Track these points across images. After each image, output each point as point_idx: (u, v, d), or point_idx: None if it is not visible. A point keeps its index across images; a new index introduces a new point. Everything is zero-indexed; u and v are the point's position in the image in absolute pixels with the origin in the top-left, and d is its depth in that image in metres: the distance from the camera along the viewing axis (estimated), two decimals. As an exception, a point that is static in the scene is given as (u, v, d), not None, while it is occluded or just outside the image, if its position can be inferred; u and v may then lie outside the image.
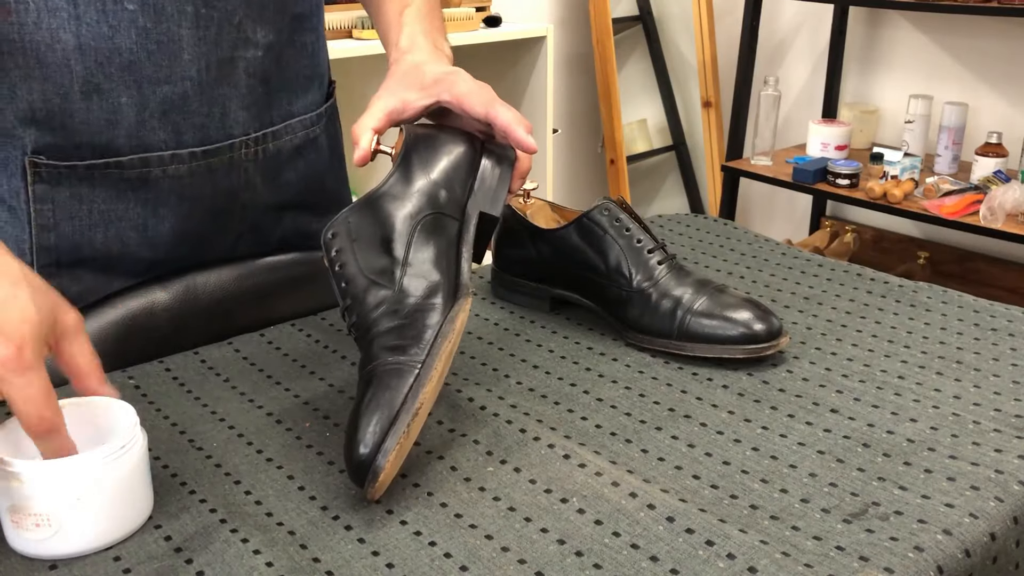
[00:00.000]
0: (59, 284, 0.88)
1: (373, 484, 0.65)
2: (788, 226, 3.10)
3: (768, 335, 0.85)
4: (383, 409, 0.66)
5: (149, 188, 0.88)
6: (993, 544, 0.64)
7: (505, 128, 0.79)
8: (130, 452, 0.63)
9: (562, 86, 3.02)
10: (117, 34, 0.81)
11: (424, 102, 0.81)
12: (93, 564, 0.62)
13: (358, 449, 0.65)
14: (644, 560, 0.61)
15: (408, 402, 0.67)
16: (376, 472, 0.64)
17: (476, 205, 0.80)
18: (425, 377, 0.68)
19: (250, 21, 0.89)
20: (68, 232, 0.87)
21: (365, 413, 0.66)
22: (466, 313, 0.74)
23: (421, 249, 0.75)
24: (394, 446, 0.65)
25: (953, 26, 2.57)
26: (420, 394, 0.67)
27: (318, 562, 0.62)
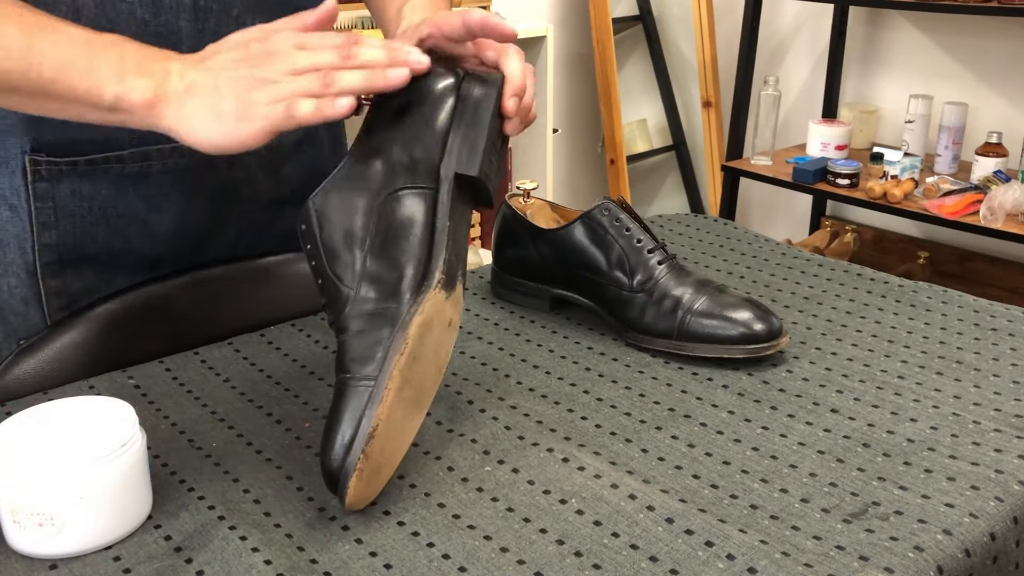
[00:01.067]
0: (62, 282, 0.89)
1: (343, 499, 0.63)
2: (788, 226, 3.10)
3: (768, 335, 0.85)
4: (343, 429, 0.63)
5: (150, 183, 0.88)
6: (993, 544, 0.64)
7: (482, 24, 0.71)
8: (130, 451, 0.63)
9: (562, 86, 3.01)
10: (116, 27, 0.81)
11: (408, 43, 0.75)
12: (93, 564, 0.62)
13: (329, 464, 0.63)
14: (643, 560, 0.61)
15: (363, 426, 0.62)
16: (343, 494, 0.63)
17: (450, 166, 0.67)
18: (376, 398, 0.63)
19: (249, 14, 0.89)
20: (70, 229, 0.87)
21: (330, 429, 0.64)
22: (430, 311, 0.66)
23: (382, 239, 0.66)
24: (353, 470, 0.62)
25: (953, 26, 2.56)
26: (373, 418, 0.62)
27: (316, 563, 0.62)
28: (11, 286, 0.89)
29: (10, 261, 0.88)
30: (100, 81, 0.65)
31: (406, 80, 0.64)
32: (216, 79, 0.64)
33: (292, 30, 0.68)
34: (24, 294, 0.89)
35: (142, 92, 0.65)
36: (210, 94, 0.64)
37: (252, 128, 0.63)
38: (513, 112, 0.72)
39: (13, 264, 0.88)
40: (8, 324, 0.90)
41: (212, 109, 0.64)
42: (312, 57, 0.65)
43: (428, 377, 0.70)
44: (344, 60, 0.65)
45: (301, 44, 0.66)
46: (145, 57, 0.66)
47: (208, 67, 0.65)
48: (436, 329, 0.68)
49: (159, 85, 0.65)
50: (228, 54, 0.66)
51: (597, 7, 2.83)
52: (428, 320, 0.66)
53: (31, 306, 0.89)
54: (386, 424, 0.64)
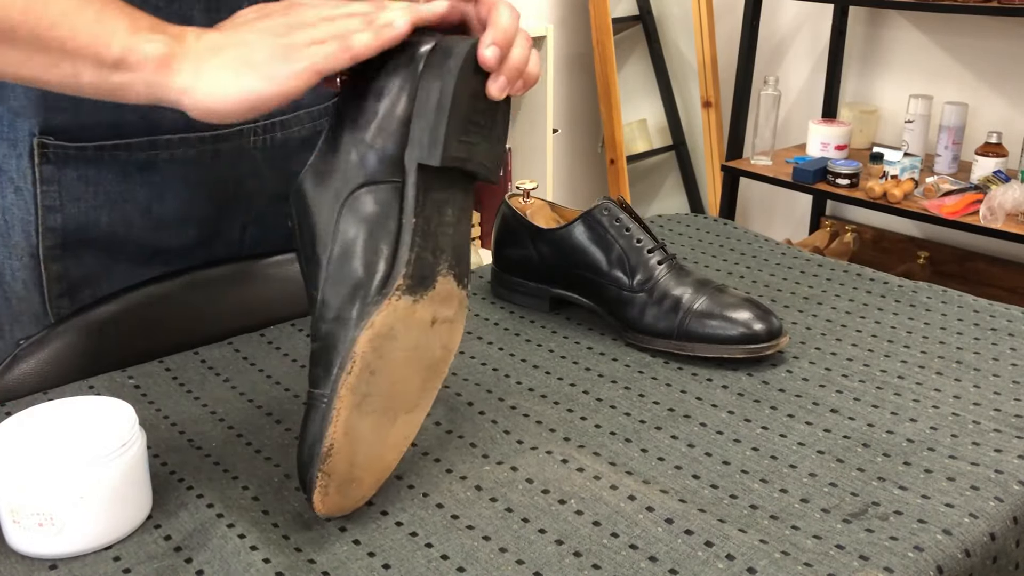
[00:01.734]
0: (64, 266, 0.89)
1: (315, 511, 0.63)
2: (788, 226, 3.10)
3: (768, 335, 0.85)
4: (305, 445, 0.62)
5: (156, 171, 0.89)
6: (993, 544, 0.64)
7: None
8: (130, 451, 0.63)
9: (562, 86, 3.01)
10: None
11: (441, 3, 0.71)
12: (93, 564, 0.62)
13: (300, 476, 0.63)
14: (643, 560, 0.61)
15: (317, 446, 0.60)
16: (310, 505, 0.62)
17: (412, 156, 0.60)
18: (328, 418, 0.60)
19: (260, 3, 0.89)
20: (74, 214, 0.88)
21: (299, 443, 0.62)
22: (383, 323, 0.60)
23: (343, 242, 0.61)
24: (315, 487, 0.61)
25: (953, 26, 2.57)
26: (326, 437, 0.60)
27: (314, 563, 0.62)
28: (14, 269, 0.89)
29: (14, 244, 0.88)
30: (108, 31, 0.60)
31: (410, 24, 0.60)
32: (241, 36, 0.61)
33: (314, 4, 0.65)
34: (26, 277, 0.89)
35: (155, 47, 0.60)
36: (239, 48, 0.60)
37: (296, 68, 0.58)
38: (494, 64, 0.62)
39: (17, 247, 0.88)
40: (11, 308, 0.90)
41: (243, 60, 0.59)
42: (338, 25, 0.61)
43: (410, 381, 0.66)
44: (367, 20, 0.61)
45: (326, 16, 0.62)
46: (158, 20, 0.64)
47: (231, 28, 0.62)
48: (407, 335, 0.63)
49: (174, 42, 0.61)
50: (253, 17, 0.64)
51: (597, 7, 2.83)
52: (386, 331, 0.61)
53: (32, 290, 0.90)
54: (344, 441, 0.61)
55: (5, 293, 0.90)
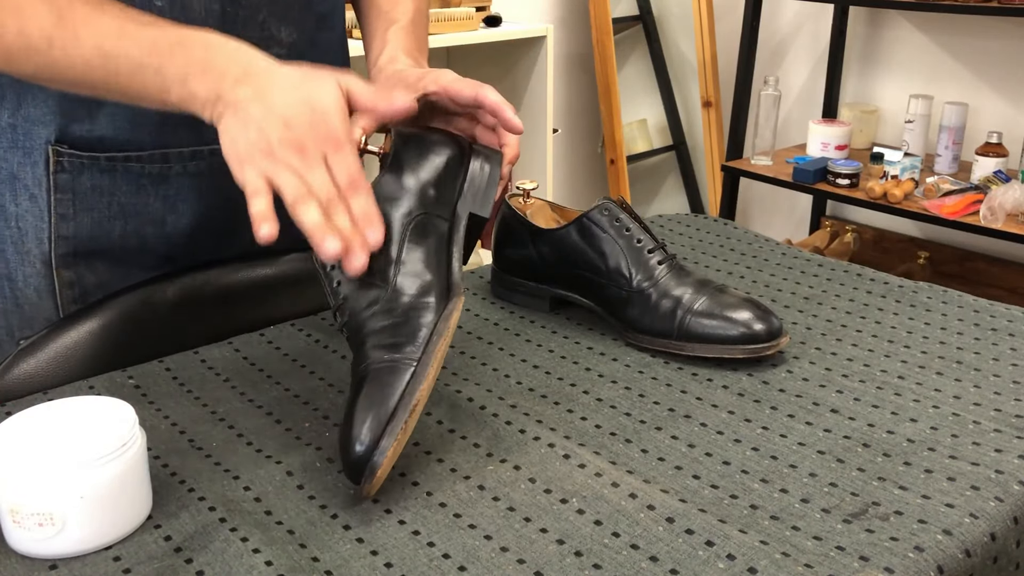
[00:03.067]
0: (76, 273, 0.90)
1: (369, 481, 0.65)
2: (788, 226, 3.10)
3: (768, 335, 0.85)
4: (378, 406, 0.66)
5: (169, 184, 0.90)
6: (993, 544, 0.64)
7: (495, 108, 0.79)
8: (130, 451, 0.63)
9: (562, 86, 3.01)
10: None
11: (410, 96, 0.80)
12: (93, 564, 0.62)
13: (354, 447, 0.65)
14: (644, 560, 0.61)
15: (405, 399, 0.67)
16: (373, 470, 0.65)
17: (466, 206, 0.80)
18: (422, 374, 0.68)
19: (275, 20, 0.90)
20: (87, 223, 0.88)
21: (360, 410, 0.66)
22: (459, 312, 0.74)
23: (413, 249, 0.75)
24: (391, 444, 0.65)
25: (953, 26, 2.57)
26: (417, 391, 0.67)
27: (317, 561, 0.62)
28: (26, 275, 0.90)
29: (27, 251, 0.89)
30: (167, 84, 0.71)
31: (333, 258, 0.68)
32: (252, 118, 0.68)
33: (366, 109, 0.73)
34: (38, 284, 0.90)
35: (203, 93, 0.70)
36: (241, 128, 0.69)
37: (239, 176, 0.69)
38: (506, 177, 0.83)
39: (30, 254, 0.89)
40: (23, 314, 0.91)
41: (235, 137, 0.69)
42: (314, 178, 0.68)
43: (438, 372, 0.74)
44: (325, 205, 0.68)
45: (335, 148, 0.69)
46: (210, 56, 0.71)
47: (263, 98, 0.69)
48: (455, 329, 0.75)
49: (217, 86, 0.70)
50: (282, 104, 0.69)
51: (597, 7, 2.83)
52: (456, 319, 0.74)
53: (44, 297, 0.90)
54: (421, 405, 0.69)
55: (17, 299, 0.90)
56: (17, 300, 0.90)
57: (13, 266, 0.90)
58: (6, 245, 0.89)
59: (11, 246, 0.89)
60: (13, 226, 0.88)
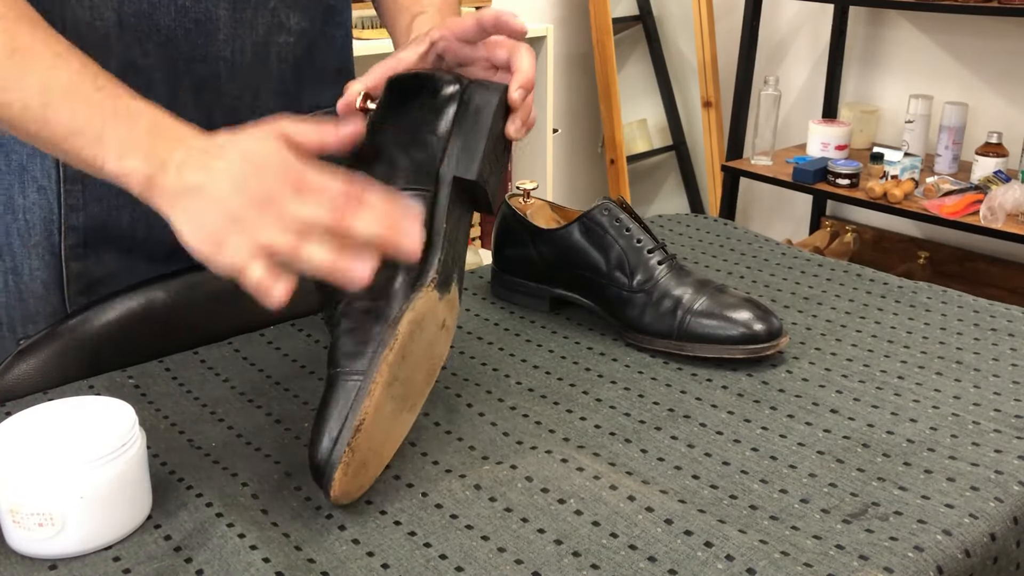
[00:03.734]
0: (85, 265, 0.90)
1: (328, 492, 0.64)
2: (788, 226, 3.10)
3: (768, 335, 0.85)
4: (330, 422, 0.64)
5: None
6: (993, 544, 0.64)
7: (495, 19, 0.73)
8: (130, 451, 0.63)
9: (562, 86, 3.01)
10: (156, 11, 0.83)
11: (418, 49, 0.77)
12: (93, 564, 0.62)
13: (316, 457, 0.64)
14: (642, 561, 0.61)
15: (349, 419, 0.63)
16: (327, 487, 0.64)
17: (449, 169, 0.69)
18: (364, 393, 0.64)
19: (284, 7, 0.90)
20: (96, 213, 0.88)
21: (318, 422, 0.65)
22: (421, 309, 0.66)
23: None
24: (339, 463, 0.63)
25: (953, 26, 2.56)
26: (360, 411, 0.63)
27: (313, 562, 0.62)
28: (33, 269, 0.89)
29: (35, 243, 0.89)
30: (103, 153, 0.66)
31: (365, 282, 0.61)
32: (208, 196, 0.63)
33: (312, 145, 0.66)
34: (46, 277, 0.90)
35: (137, 176, 0.65)
36: (200, 210, 0.63)
37: (219, 260, 0.63)
38: (519, 102, 0.72)
39: (38, 246, 0.89)
40: (27, 308, 0.90)
41: (198, 223, 0.63)
42: (304, 211, 0.62)
43: (419, 377, 0.70)
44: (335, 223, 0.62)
45: (299, 187, 0.63)
46: (154, 136, 0.66)
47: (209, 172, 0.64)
48: (428, 329, 0.69)
49: (154, 173, 0.65)
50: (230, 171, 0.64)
51: (597, 7, 2.83)
52: (419, 319, 0.67)
53: (51, 290, 0.90)
54: (373, 418, 0.65)
55: (22, 293, 0.90)
56: (22, 294, 0.90)
57: (19, 259, 0.89)
58: (13, 238, 0.89)
59: (18, 239, 0.89)
60: (20, 219, 0.88)
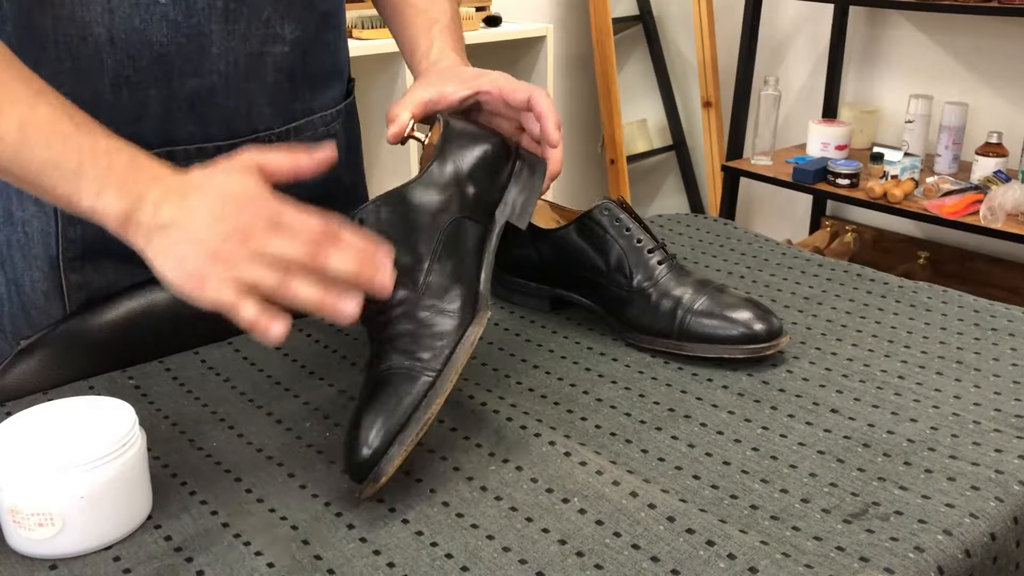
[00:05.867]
0: (84, 277, 0.90)
1: (372, 485, 0.65)
2: (788, 226, 3.10)
3: (768, 335, 0.85)
4: (390, 413, 0.65)
5: None
6: (993, 544, 0.64)
7: (542, 114, 0.79)
8: (130, 451, 0.63)
9: (562, 86, 3.01)
10: (148, 27, 0.82)
11: (462, 92, 0.82)
12: (93, 564, 0.62)
13: (361, 450, 0.65)
14: (645, 560, 0.61)
15: (419, 411, 0.66)
16: (377, 476, 0.64)
17: (504, 213, 0.78)
18: (440, 388, 0.67)
19: (278, 17, 0.90)
20: (93, 225, 0.88)
21: (371, 413, 0.66)
22: (483, 327, 0.72)
23: (446, 253, 0.73)
24: (399, 453, 0.64)
25: (953, 26, 2.57)
26: (433, 404, 0.66)
27: (319, 559, 0.62)
28: (33, 280, 0.89)
29: (34, 255, 0.88)
30: (80, 189, 0.66)
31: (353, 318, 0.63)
32: (185, 232, 0.64)
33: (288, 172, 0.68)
34: (46, 288, 0.89)
35: (115, 210, 0.65)
36: (178, 245, 0.63)
37: (203, 296, 0.62)
38: (546, 191, 0.82)
39: (37, 259, 0.89)
40: (30, 319, 0.90)
41: (178, 260, 0.63)
42: (281, 247, 0.62)
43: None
44: (311, 261, 0.62)
45: (276, 222, 0.63)
46: (132, 173, 0.66)
47: (185, 209, 0.64)
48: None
49: (131, 209, 0.65)
50: (206, 206, 0.64)
51: (597, 7, 2.83)
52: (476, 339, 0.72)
53: (52, 301, 0.90)
54: (434, 417, 0.68)
55: (24, 304, 0.90)
56: (24, 305, 0.90)
57: (20, 271, 0.89)
58: (13, 251, 0.89)
59: (18, 251, 0.89)
60: (20, 231, 0.88)
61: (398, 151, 2.29)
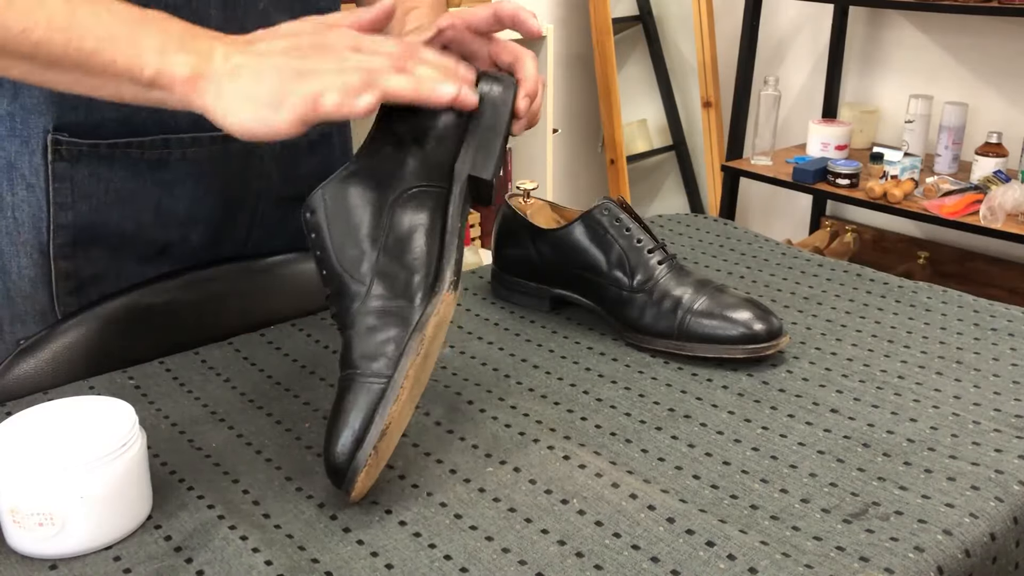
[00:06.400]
0: (74, 264, 0.90)
1: (349, 492, 0.64)
2: (788, 226, 3.10)
3: (768, 335, 0.85)
4: (352, 423, 0.64)
5: (167, 169, 0.90)
6: (993, 544, 0.64)
7: (513, 16, 0.72)
8: (130, 451, 0.63)
9: (562, 86, 3.01)
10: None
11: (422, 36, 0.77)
12: (93, 564, 0.62)
13: (334, 458, 0.64)
14: (645, 561, 0.61)
15: (376, 421, 0.63)
16: (349, 488, 0.64)
17: (465, 164, 0.68)
18: (391, 397, 0.63)
19: (274, 8, 0.90)
20: (85, 211, 0.88)
21: (335, 422, 0.64)
22: (444, 312, 0.66)
23: (396, 237, 0.66)
24: (363, 467, 0.63)
25: (953, 26, 2.56)
26: (386, 416, 0.63)
27: (317, 563, 0.62)
28: (21, 267, 0.89)
29: (23, 241, 0.88)
30: (141, 54, 0.63)
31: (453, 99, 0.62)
32: (260, 64, 0.63)
33: (348, 27, 0.67)
34: (34, 275, 0.89)
35: (183, 68, 0.63)
36: (250, 78, 0.63)
37: (281, 117, 0.61)
38: (524, 113, 0.72)
39: (26, 244, 0.88)
40: (15, 307, 0.90)
41: (249, 93, 0.62)
42: (363, 60, 0.63)
43: (428, 374, 0.72)
44: (400, 67, 0.63)
45: (356, 46, 0.64)
46: (191, 35, 0.65)
47: (256, 51, 0.64)
48: (443, 329, 0.70)
49: (201, 62, 0.64)
50: (279, 41, 0.65)
51: (597, 7, 2.83)
52: (442, 321, 0.67)
53: (39, 289, 0.89)
54: (396, 422, 0.65)
55: (9, 291, 0.90)
56: (9, 292, 0.90)
57: (7, 257, 0.89)
58: (1, 237, 0.88)
59: (6, 237, 0.88)
60: (9, 216, 0.87)
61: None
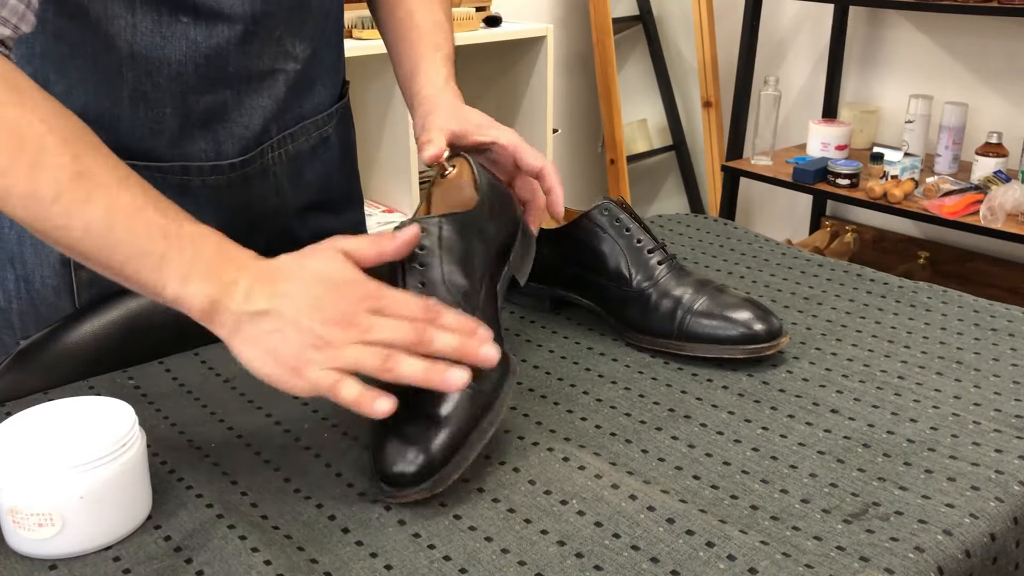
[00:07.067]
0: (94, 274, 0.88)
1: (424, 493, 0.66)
2: (788, 226, 3.10)
3: (768, 335, 0.85)
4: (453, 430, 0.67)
5: (189, 198, 0.90)
6: (993, 544, 0.64)
7: (552, 189, 0.85)
8: (130, 451, 0.63)
9: (562, 86, 3.01)
10: (168, 45, 0.83)
11: (484, 138, 0.85)
12: (93, 564, 0.62)
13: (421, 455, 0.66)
14: (645, 561, 0.61)
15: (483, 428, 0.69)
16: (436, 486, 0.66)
17: (511, 268, 0.83)
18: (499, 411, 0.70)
19: (290, 35, 0.91)
20: None
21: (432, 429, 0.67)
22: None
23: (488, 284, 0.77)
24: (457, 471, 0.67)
25: (953, 26, 2.57)
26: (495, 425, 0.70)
27: (316, 563, 0.62)
28: (44, 277, 0.90)
29: (46, 252, 0.89)
30: (164, 277, 0.65)
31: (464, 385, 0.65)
32: (282, 320, 0.63)
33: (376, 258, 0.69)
34: (56, 285, 0.90)
35: (202, 299, 0.65)
36: (272, 335, 0.63)
37: (299, 385, 0.63)
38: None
39: (48, 255, 0.89)
40: (40, 315, 0.91)
41: (269, 349, 0.64)
42: (385, 332, 0.64)
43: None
44: (417, 343, 0.64)
45: (377, 308, 0.65)
46: (221, 259, 0.66)
47: (279, 294, 0.64)
48: None
49: (222, 295, 0.64)
50: (302, 292, 0.64)
51: (597, 7, 2.83)
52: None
53: (62, 297, 0.90)
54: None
55: (34, 300, 0.91)
56: (33, 301, 0.91)
57: (31, 267, 0.90)
58: (24, 247, 0.89)
59: (29, 248, 0.89)
60: None
61: (395, 153, 2.29)
